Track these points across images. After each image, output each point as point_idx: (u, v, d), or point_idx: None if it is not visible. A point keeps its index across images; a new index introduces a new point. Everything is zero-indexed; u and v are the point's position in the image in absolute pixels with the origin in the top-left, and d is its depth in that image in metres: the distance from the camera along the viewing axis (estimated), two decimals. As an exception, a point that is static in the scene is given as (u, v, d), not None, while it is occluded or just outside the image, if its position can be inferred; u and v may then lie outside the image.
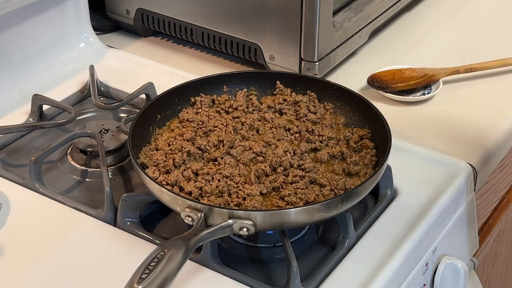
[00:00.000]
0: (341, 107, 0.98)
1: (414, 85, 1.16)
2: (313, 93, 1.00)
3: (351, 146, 0.92)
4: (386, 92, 1.15)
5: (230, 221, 0.79)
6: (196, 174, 0.87)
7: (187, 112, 0.96)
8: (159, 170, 0.88)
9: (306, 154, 0.90)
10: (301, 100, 0.98)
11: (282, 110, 0.98)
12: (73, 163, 1.00)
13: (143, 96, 1.10)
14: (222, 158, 0.88)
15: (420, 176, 0.98)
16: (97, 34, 1.26)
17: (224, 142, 0.91)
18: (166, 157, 0.89)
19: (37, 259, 0.85)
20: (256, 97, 1.01)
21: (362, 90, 1.16)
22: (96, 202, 0.93)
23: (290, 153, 0.89)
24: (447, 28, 1.36)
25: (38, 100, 1.07)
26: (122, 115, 1.10)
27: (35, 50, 1.17)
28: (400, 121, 1.10)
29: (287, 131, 0.93)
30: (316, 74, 1.14)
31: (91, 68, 1.15)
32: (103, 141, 0.99)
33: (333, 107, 0.98)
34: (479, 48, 1.29)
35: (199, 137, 0.92)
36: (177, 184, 0.86)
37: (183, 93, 0.99)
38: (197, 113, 0.96)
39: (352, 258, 0.86)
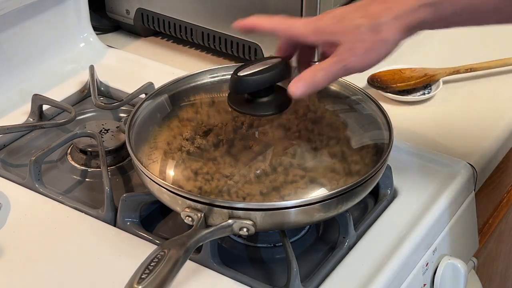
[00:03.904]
0: (341, 106, 0.98)
1: (414, 85, 1.16)
2: (312, 92, 0.99)
3: (352, 146, 0.92)
4: (386, 92, 1.15)
5: (230, 221, 0.79)
6: (196, 173, 0.86)
7: (187, 111, 0.96)
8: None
9: (306, 153, 0.90)
10: (300, 100, 0.98)
11: (282, 110, 0.97)
12: (73, 163, 1.00)
13: (143, 96, 1.10)
14: (221, 158, 0.88)
15: (420, 176, 0.98)
16: (97, 34, 1.26)
17: (224, 141, 0.91)
18: (165, 156, 0.89)
19: (37, 259, 0.85)
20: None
21: (362, 90, 1.16)
22: (96, 202, 0.93)
23: (290, 152, 0.89)
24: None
25: (38, 100, 1.07)
26: (122, 115, 1.10)
27: (35, 50, 1.17)
28: (400, 121, 1.09)
29: (287, 131, 0.93)
30: (316, 74, 1.13)
31: (91, 68, 1.15)
32: (103, 141, 0.99)
33: (333, 106, 0.98)
34: (479, 48, 1.29)
35: (198, 136, 0.92)
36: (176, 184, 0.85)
37: (183, 92, 0.99)
38: (197, 112, 0.96)
39: (352, 258, 0.86)
